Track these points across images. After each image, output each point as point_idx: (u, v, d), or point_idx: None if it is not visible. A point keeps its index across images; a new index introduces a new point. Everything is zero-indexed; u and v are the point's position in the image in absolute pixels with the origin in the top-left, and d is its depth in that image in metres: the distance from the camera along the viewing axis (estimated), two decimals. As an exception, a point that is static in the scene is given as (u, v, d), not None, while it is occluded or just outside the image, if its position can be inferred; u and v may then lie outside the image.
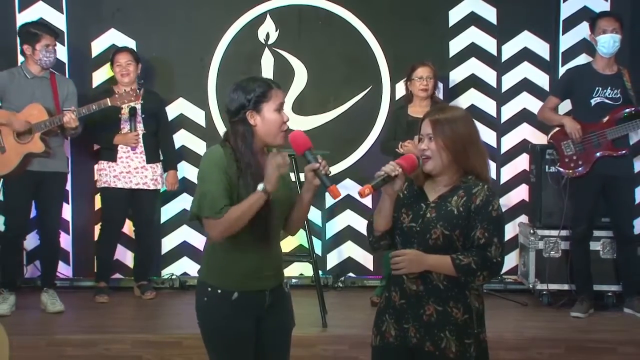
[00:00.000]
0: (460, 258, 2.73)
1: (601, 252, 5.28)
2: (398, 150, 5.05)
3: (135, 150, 5.34)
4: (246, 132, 2.88)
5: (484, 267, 2.72)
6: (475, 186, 2.80)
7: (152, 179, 5.40)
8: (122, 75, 5.34)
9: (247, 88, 2.90)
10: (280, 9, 5.78)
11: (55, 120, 4.94)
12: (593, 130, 5.04)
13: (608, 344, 4.53)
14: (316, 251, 5.15)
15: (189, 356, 4.37)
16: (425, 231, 2.78)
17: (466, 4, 5.79)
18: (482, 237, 2.74)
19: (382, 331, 2.88)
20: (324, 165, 2.82)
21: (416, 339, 2.79)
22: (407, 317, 2.82)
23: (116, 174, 5.35)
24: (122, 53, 5.39)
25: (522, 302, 5.36)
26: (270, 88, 2.91)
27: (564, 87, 5.25)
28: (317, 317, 4.71)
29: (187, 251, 5.75)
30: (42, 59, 5.02)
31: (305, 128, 5.76)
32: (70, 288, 5.66)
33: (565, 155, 5.13)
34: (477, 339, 2.81)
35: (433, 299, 2.78)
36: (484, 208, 2.76)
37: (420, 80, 5.18)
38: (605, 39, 4.98)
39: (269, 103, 2.89)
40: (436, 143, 2.79)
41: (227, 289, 2.89)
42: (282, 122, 2.90)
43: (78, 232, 5.75)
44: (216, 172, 2.83)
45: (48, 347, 4.47)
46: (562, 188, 5.17)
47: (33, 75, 5.06)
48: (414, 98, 5.25)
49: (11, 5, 5.68)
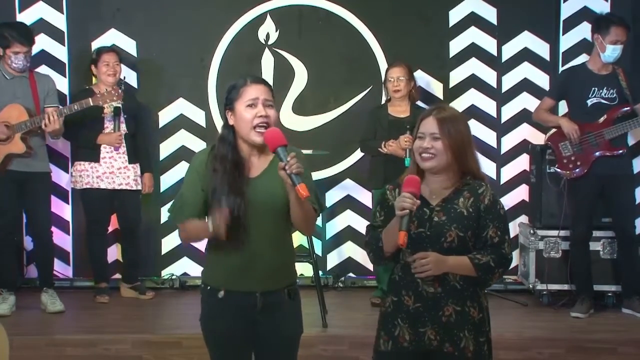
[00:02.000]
0: (478, 257, 2.76)
1: (601, 252, 5.28)
2: (381, 150, 5.07)
3: (118, 150, 5.30)
4: (224, 135, 2.89)
5: (500, 264, 2.78)
6: (480, 186, 2.82)
7: (134, 179, 5.36)
8: (108, 75, 5.29)
9: (228, 88, 2.91)
10: (280, 9, 5.77)
11: (36, 120, 4.94)
12: (590, 131, 5.04)
13: (608, 344, 4.53)
14: (316, 251, 5.16)
15: (189, 356, 4.37)
16: (438, 235, 2.78)
17: (466, 4, 5.79)
18: (496, 236, 2.78)
19: (394, 336, 2.85)
20: (291, 164, 2.67)
21: (436, 342, 2.79)
22: (424, 320, 2.81)
23: (99, 175, 5.28)
24: (110, 53, 5.36)
25: (522, 302, 5.36)
26: (243, 85, 2.85)
27: (559, 88, 5.25)
28: (317, 317, 4.71)
29: (187, 251, 5.74)
30: (12, 65, 5.01)
31: (305, 128, 5.79)
32: (70, 288, 5.66)
33: (563, 157, 5.13)
34: (488, 336, 2.86)
35: (452, 299, 2.79)
36: (493, 207, 2.81)
37: (392, 81, 5.21)
38: (616, 49, 4.97)
39: (240, 100, 2.84)
40: (442, 142, 2.79)
41: (214, 287, 2.91)
42: (252, 118, 2.80)
43: (78, 232, 5.74)
44: (192, 178, 2.90)
45: (48, 347, 4.47)
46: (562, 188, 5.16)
47: (12, 75, 5.05)
48: (392, 98, 5.27)
49: (11, 5, 5.67)
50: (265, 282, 2.89)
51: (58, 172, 5.71)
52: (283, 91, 5.75)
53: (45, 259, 5.26)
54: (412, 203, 2.67)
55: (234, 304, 2.89)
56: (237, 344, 2.94)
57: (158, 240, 5.80)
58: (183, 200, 2.91)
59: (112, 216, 5.56)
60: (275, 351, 2.96)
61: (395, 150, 5.05)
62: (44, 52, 5.69)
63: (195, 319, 3.05)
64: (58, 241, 5.60)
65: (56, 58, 5.73)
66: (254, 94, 2.83)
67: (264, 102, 2.83)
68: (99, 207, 5.37)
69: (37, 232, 5.20)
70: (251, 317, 2.90)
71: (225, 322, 2.90)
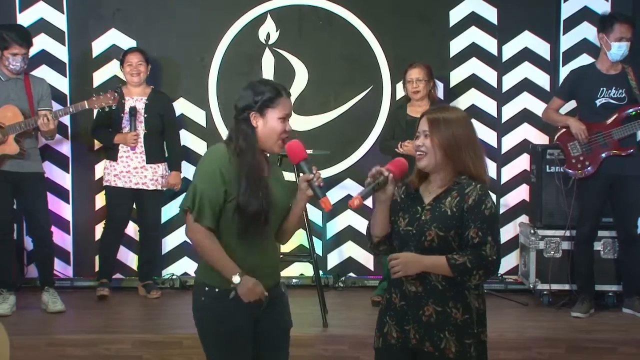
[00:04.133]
0: (455, 258, 2.73)
1: (602, 252, 5.27)
2: (397, 150, 5.06)
3: (134, 150, 5.36)
4: (249, 132, 2.90)
5: (479, 266, 2.72)
6: (468, 186, 2.80)
7: (151, 179, 5.40)
8: (132, 75, 5.36)
9: (258, 89, 2.92)
10: (280, 9, 5.78)
11: (30, 122, 4.95)
12: (599, 130, 5.03)
13: (608, 344, 4.53)
14: (317, 251, 5.17)
15: (189, 356, 4.37)
16: (420, 234, 2.79)
17: (467, 4, 5.79)
18: (476, 236, 2.74)
19: (384, 333, 2.89)
20: (318, 176, 2.85)
21: (416, 340, 2.80)
22: (407, 318, 2.83)
23: (116, 173, 5.38)
24: (134, 53, 5.42)
25: (523, 302, 5.36)
26: (280, 96, 2.92)
27: (568, 88, 5.22)
28: (318, 317, 4.71)
29: (188, 251, 5.74)
30: (9, 66, 5.02)
31: (305, 128, 5.78)
32: (71, 288, 5.66)
33: (572, 156, 5.12)
34: (477, 338, 2.82)
35: (432, 299, 2.79)
36: (477, 207, 2.76)
37: (410, 82, 5.21)
38: (621, 46, 4.94)
39: (275, 110, 2.90)
40: (431, 141, 2.81)
41: (224, 289, 2.90)
42: (282, 131, 2.91)
43: (78, 232, 5.75)
44: (214, 175, 2.85)
45: (48, 347, 4.47)
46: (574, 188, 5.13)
47: (7, 77, 5.06)
48: (412, 99, 5.27)
49: (12, 5, 5.68)
50: (272, 277, 2.99)
51: (58, 172, 5.72)
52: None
53: (47, 260, 5.26)
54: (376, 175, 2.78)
55: (243, 303, 2.89)
56: (246, 343, 2.95)
57: (158, 240, 5.79)
58: (203, 198, 2.85)
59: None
60: (275, 344, 3.02)
61: (410, 151, 5.02)
62: (44, 52, 5.70)
63: (195, 319, 3.05)
64: (58, 241, 5.62)
65: (56, 58, 5.74)
66: (288, 109, 2.94)
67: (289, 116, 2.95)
68: (116, 205, 5.46)
69: (36, 232, 5.20)
70: (257, 314, 2.94)
71: (238, 323, 2.91)
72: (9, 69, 5.03)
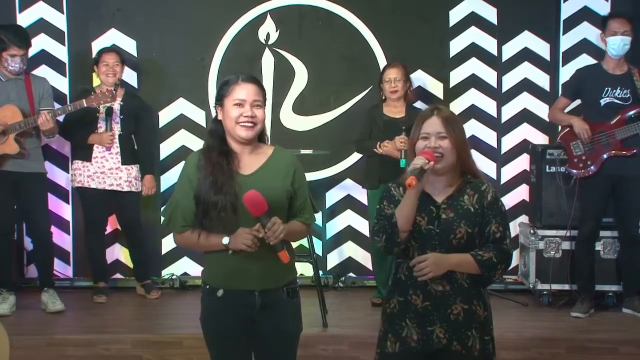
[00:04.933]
0: (480, 254, 2.78)
1: (602, 252, 5.27)
2: (376, 150, 5.07)
3: (110, 150, 5.29)
4: (213, 129, 2.93)
5: (502, 260, 2.81)
6: (482, 184, 2.87)
7: (126, 181, 5.33)
8: (107, 75, 5.28)
9: (220, 83, 2.96)
10: (280, 9, 5.78)
11: (30, 121, 4.94)
12: (602, 130, 5.02)
13: (608, 344, 4.52)
14: (316, 251, 5.16)
15: (189, 356, 4.37)
16: (447, 232, 2.80)
17: (466, 4, 5.79)
18: (498, 232, 2.82)
19: (402, 337, 2.86)
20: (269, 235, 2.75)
21: (445, 340, 2.80)
22: (432, 319, 2.82)
23: (90, 174, 5.28)
24: (110, 53, 5.36)
25: (523, 302, 5.35)
26: (235, 82, 2.88)
27: (573, 87, 5.20)
28: (317, 317, 4.71)
29: (187, 251, 5.73)
30: (8, 67, 5.02)
31: (305, 128, 5.79)
32: (70, 288, 5.66)
33: (575, 156, 5.11)
34: (492, 335, 2.89)
35: (460, 297, 2.82)
36: (495, 204, 2.85)
37: (389, 82, 5.21)
38: (615, 40, 4.94)
39: (229, 97, 2.87)
40: (450, 141, 2.82)
41: (214, 286, 2.92)
42: (238, 116, 2.83)
43: (78, 232, 5.74)
44: (184, 184, 2.91)
45: (48, 347, 4.47)
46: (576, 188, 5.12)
47: (8, 77, 5.05)
48: (387, 99, 5.27)
49: (11, 5, 5.68)
50: (264, 280, 2.90)
51: (58, 172, 5.73)
52: (283, 91, 5.75)
53: (46, 260, 5.25)
54: (424, 163, 2.73)
55: (233, 302, 2.89)
56: (236, 343, 2.94)
57: (158, 240, 5.80)
58: (176, 207, 2.92)
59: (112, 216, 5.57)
60: (274, 350, 2.97)
61: (390, 151, 5.04)
62: (44, 52, 5.70)
63: (195, 319, 3.06)
64: (58, 241, 5.62)
65: (56, 58, 5.74)
66: (243, 94, 2.86)
67: (252, 103, 2.87)
68: (94, 206, 5.37)
69: (36, 232, 5.20)
70: (250, 316, 2.91)
71: (225, 321, 2.91)
72: (8, 70, 5.02)
